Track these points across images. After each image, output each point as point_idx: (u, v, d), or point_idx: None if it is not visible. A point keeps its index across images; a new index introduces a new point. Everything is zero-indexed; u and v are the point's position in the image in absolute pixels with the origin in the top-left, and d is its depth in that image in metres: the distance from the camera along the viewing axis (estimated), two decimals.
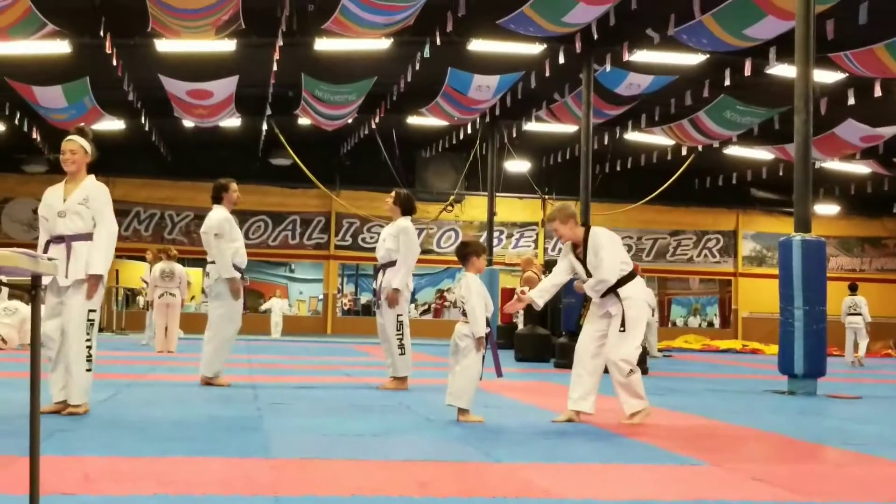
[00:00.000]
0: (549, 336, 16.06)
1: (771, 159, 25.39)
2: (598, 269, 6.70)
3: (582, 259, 6.85)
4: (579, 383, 6.77)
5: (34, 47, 16.38)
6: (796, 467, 5.21)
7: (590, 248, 6.77)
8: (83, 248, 6.26)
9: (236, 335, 9.40)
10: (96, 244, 6.30)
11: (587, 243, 6.79)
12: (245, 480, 4.16)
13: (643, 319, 6.85)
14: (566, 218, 6.90)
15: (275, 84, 19.42)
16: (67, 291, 6.25)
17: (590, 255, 6.77)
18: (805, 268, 10.31)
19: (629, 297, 6.73)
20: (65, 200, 6.32)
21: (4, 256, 2.63)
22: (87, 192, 6.34)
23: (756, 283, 31.60)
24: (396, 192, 9.50)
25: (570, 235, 6.90)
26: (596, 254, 6.72)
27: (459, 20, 15.10)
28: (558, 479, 4.49)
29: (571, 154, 24.48)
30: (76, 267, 6.22)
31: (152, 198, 28.56)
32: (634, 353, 6.77)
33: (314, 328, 29.81)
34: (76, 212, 6.28)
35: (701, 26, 14.78)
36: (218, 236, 9.09)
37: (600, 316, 6.85)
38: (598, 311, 6.86)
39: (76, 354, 6.25)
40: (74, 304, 6.25)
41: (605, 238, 6.82)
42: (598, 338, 6.82)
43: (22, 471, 3.43)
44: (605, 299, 6.81)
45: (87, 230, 6.30)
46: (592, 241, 6.77)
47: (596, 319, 6.88)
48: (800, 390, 10.33)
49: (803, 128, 10.71)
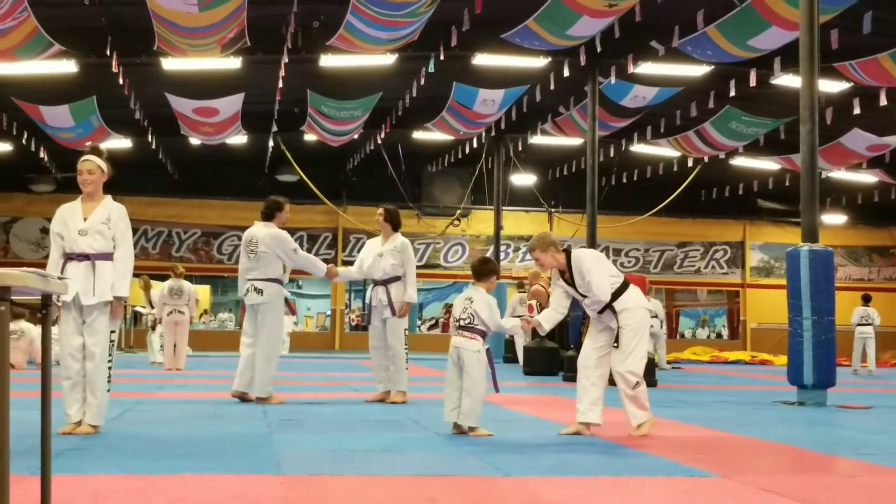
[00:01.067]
0: (557, 349, 16.03)
1: (777, 169, 25.36)
2: (590, 291, 6.73)
3: (571, 283, 6.85)
4: (585, 394, 6.79)
5: (41, 67, 16.45)
6: (807, 478, 5.20)
7: (575, 272, 6.79)
8: (107, 267, 6.32)
9: None
10: (121, 266, 6.37)
11: (571, 268, 6.81)
12: (255, 497, 4.17)
13: (644, 328, 6.86)
14: (546, 247, 6.87)
15: (280, 101, 19.48)
16: (93, 312, 6.29)
17: (577, 279, 6.78)
18: (813, 278, 10.30)
19: (626, 309, 6.76)
20: (85, 219, 6.36)
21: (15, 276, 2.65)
22: (108, 213, 6.40)
23: (764, 294, 31.50)
24: (386, 209, 9.53)
25: (553, 263, 6.91)
26: (582, 276, 6.74)
27: (463, 35, 15.14)
28: (568, 492, 4.48)
29: (577, 167, 24.48)
30: (102, 287, 6.27)
31: (160, 216, 28.62)
32: (641, 365, 6.79)
33: (322, 344, 29.80)
34: (98, 231, 6.33)
35: (705, 38, 14.80)
36: (296, 251, 9.20)
37: (600, 330, 6.87)
38: (599, 325, 6.89)
39: (101, 375, 6.31)
40: (101, 325, 6.31)
41: (587, 259, 6.84)
42: (599, 349, 6.85)
43: (33, 490, 3.44)
44: (602, 315, 6.83)
45: (108, 250, 6.35)
46: (576, 265, 6.78)
47: (596, 334, 6.90)
48: (809, 401, 10.30)
49: (809, 138, 10.71)
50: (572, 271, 6.80)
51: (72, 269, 6.26)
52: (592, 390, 6.77)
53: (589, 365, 6.82)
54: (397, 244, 9.32)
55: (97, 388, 6.30)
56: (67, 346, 6.31)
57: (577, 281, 6.79)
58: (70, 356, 6.30)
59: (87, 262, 6.29)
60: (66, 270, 6.25)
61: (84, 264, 6.29)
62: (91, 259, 6.30)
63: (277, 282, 9.15)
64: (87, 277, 6.26)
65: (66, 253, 6.35)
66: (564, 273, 6.90)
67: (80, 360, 6.30)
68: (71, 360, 6.30)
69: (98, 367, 6.31)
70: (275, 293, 9.09)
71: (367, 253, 9.52)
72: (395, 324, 9.26)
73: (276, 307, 9.14)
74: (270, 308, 9.09)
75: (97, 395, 6.32)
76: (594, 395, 6.76)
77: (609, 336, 6.81)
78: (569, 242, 30.38)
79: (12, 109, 19.04)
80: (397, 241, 9.36)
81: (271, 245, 9.10)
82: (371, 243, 9.60)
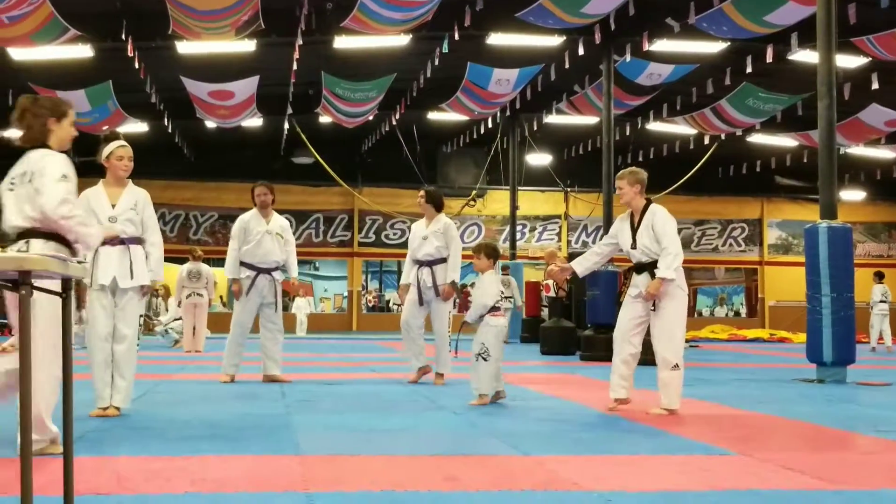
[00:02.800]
0: (574, 329, 16.04)
1: (795, 146, 25.21)
2: (663, 241, 6.77)
3: (633, 231, 6.92)
4: (617, 371, 6.91)
5: (57, 52, 16.52)
6: (827, 456, 5.19)
7: (647, 218, 6.87)
8: (139, 251, 6.43)
9: None
10: (156, 252, 6.52)
11: (644, 214, 6.89)
12: (275, 477, 4.19)
13: (684, 306, 6.91)
14: (634, 182, 7.01)
15: (295, 83, 19.49)
16: (126, 295, 6.35)
17: (644, 227, 6.85)
18: (832, 255, 10.25)
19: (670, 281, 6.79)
20: (113, 206, 6.40)
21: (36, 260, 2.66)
22: (135, 198, 6.49)
23: (782, 272, 31.39)
24: (427, 191, 9.53)
25: (631, 199, 6.98)
26: (656, 227, 6.82)
27: (477, 14, 15.09)
28: (586, 470, 4.49)
29: (593, 146, 24.41)
30: (139, 270, 6.35)
31: (176, 199, 28.73)
32: (681, 347, 6.91)
33: (339, 325, 29.90)
34: (128, 217, 6.41)
35: (721, 14, 14.70)
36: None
37: (634, 297, 6.87)
38: (634, 290, 6.91)
39: (131, 358, 6.40)
40: (134, 308, 6.40)
41: (667, 214, 6.95)
42: (636, 325, 6.90)
43: (56, 472, 3.47)
44: (642, 277, 6.85)
45: (138, 234, 6.46)
46: (653, 213, 6.89)
47: (632, 302, 6.91)
48: (829, 378, 10.27)
49: (827, 113, 10.63)
50: (642, 218, 6.88)
51: (105, 254, 6.30)
52: (623, 369, 6.89)
53: (624, 340, 6.90)
54: (441, 226, 9.28)
55: (126, 370, 6.36)
56: (99, 329, 6.34)
57: (642, 229, 6.86)
58: (103, 339, 6.33)
59: (121, 247, 6.36)
60: (98, 255, 6.29)
61: (119, 248, 6.35)
62: (126, 243, 6.36)
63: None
64: (123, 261, 6.33)
65: None
66: (634, 217, 6.96)
67: (110, 342, 6.35)
68: (104, 342, 6.34)
69: (129, 349, 6.39)
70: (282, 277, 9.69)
71: (413, 236, 9.49)
72: (441, 306, 9.24)
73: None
74: (278, 293, 9.67)
75: (126, 378, 6.37)
76: (625, 372, 6.89)
77: (644, 306, 6.85)
78: (585, 221, 30.36)
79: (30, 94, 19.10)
80: (441, 222, 9.31)
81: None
82: (416, 227, 9.55)
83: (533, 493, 3.93)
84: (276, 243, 9.46)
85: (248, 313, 9.50)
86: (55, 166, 4.58)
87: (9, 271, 2.70)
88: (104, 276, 6.29)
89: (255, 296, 9.39)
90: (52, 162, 4.61)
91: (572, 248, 29.57)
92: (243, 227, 9.44)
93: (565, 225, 30.96)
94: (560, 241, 30.95)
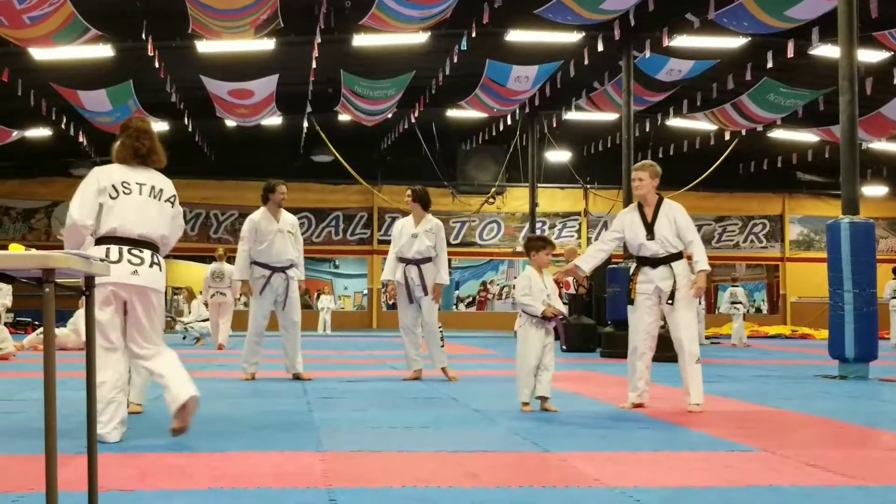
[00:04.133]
0: (594, 326, 16.01)
1: (816, 141, 25.06)
2: (689, 234, 6.85)
3: (647, 223, 6.92)
4: (642, 377, 6.92)
5: (78, 52, 16.62)
6: (850, 452, 5.16)
7: (664, 212, 6.91)
8: None
9: None
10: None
11: (658, 209, 6.93)
12: (297, 473, 4.21)
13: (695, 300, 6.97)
14: (655, 175, 7.06)
15: (314, 81, 19.53)
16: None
17: (666, 221, 6.87)
18: (854, 250, 10.19)
19: (682, 275, 6.82)
20: None
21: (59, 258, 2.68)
22: None
23: (804, 268, 31.21)
24: (413, 190, 9.64)
25: (648, 192, 7.00)
26: (679, 221, 6.88)
27: (496, 11, 15.07)
28: (608, 467, 4.48)
29: (612, 142, 24.34)
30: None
31: (197, 197, 28.85)
32: (697, 341, 6.96)
33: (360, 323, 29.96)
34: None
35: (741, 9, 14.62)
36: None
37: (650, 295, 6.86)
38: (649, 287, 6.87)
39: None
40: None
41: (684, 211, 7.02)
42: (655, 328, 6.92)
43: (81, 468, 3.50)
44: (659, 271, 6.81)
45: None
46: (671, 208, 6.95)
47: (647, 304, 6.88)
48: (851, 374, 10.21)
49: (849, 108, 10.56)
50: (657, 212, 6.91)
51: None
52: (646, 372, 6.92)
53: (640, 341, 6.90)
54: (432, 226, 9.35)
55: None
56: None
57: (659, 222, 6.87)
58: None
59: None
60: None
61: None
62: None
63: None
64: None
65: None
66: (645, 210, 6.97)
67: None
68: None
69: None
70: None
71: (400, 234, 9.51)
72: (430, 303, 9.31)
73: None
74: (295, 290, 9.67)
75: (141, 375, 6.39)
76: (647, 376, 6.93)
77: (658, 307, 6.84)
78: (605, 217, 30.27)
79: (51, 95, 19.24)
80: (431, 222, 9.39)
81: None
82: (403, 223, 9.57)
83: (554, 489, 3.93)
84: (288, 241, 9.49)
85: (264, 312, 9.53)
86: None
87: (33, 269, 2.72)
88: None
89: (270, 294, 9.41)
90: None
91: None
92: (254, 227, 9.43)
93: (585, 222, 30.88)
94: (580, 237, 30.87)
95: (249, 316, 9.60)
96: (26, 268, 2.73)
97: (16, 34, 14.60)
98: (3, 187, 28.59)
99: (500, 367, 11.40)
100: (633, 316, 6.97)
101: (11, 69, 16.88)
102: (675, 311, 6.79)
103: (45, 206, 28.91)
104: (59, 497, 2.73)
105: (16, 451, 4.83)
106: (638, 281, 6.94)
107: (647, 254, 6.94)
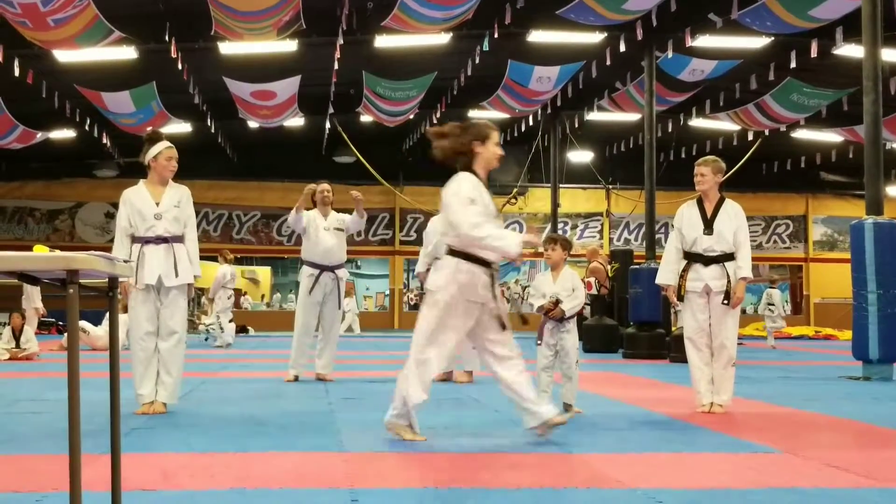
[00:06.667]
0: (616, 326, 15.96)
1: (840, 142, 24.88)
2: (743, 236, 6.83)
3: (706, 218, 6.88)
4: (705, 378, 6.82)
5: (102, 54, 16.72)
6: (873, 454, 5.12)
7: (727, 210, 6.88)
8: (182, 249, 6.49)
9: None
10: (193, 248, 6.58)
11: (720, 205, 6.90)
12: (320, 474, 4.22)
13: None
14: (717, 171, 7.04)
15: (336, 83, 19.57)
16: (171, 293, 6.42)
17: (727, 217, 6.84)
18: (878, 251, 10.12)
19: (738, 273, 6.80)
20: (157, 203, 6.47)
21: (82, 259, 2.70)
22: (179, 196, 6.56)
23: (828, 269, 31.01)
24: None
25: (710, 187, 6.96)
26: (740, 222, 6.85)
27: (518, 12, 15.06)
28: (630, 468, 4.47)
29: (635, 143, 24.26)
30: (183, 268, 6.43)
31: (219, 198, 29.00)
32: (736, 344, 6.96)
33: (382, 323, 30.00)
34: (174, 215, 6.48)
35: (765, 8, 14.54)
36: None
37: (700, 292, 6.81)
38: (699, 284, 6.82)
39: (178, 355, 6.49)
40: (180, 305, 6.49)
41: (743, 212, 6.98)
42: (703, 320, 6.84)
43: (104, 468, 3.52)
44: (710, 270, 6.77)
45: (180, 232, 6.52)
46: (734, 207, 6.93)
47: (698, 302, 6.83)
48: (875, 376, 10.13)
49: (872, 108, 10.50)
50: (717, 209, 6.88)
51: (150, 253, 6.37)
52: (707, 370, 6.82)
53: (699, 341, 6.84)
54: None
55: (173, 367, 6.44)
56: (142, 328, 6.41)
57: (720, 219, 6.83)
58: (146, 337, 6.41)
59: (165, 245, 6.43)
60: (143, 253, 6.36)
61: (163, 247, 6.42)
62: (169, 241, 6.43)
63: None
64: (168, 259, 6.39)
65: (139, 236, 6.45)
66: (706, 205, 6.92)
67: (151, 341, 6.42)
68: (147, 340, 6.41)
69: (176, 346, 6.47)
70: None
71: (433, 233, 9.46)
72: None
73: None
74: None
75: (173, 374, 6.45)
76: (710, 375, 6.81)
77: (706, 304, 6.79)
78: (627, 218, 30.18)
79: (75, 96, 19.38)
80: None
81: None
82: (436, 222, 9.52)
83: (576, 490, 3.93)
84: (336, 240, 9.45)
85: (312, 312, 9.44)
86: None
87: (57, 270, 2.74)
88: (150, 276, 6.34)
89: (319, 294, 9.39)
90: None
91: (614, 245, 29.36)
92: (304, 226, 9.40)
93: (607, 222, 30.78)
94: (602, 238, 30.79)
95: (296, 316, 9.52)
96: (50, 269, 2.75)
97: (40, 37, 14.72)
98: (27, 189, 28.82)
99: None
100: (687, 312, 6.96)
101: (36, 72, 17.01)
102: (725, 313, 6.75)
103: (68, 207, 29.12)
104: (83, 497, 2.75)
105: (40, 450, 4.88)
106: (688, 279, 6.88)
107: (699, 249, 6.87)
